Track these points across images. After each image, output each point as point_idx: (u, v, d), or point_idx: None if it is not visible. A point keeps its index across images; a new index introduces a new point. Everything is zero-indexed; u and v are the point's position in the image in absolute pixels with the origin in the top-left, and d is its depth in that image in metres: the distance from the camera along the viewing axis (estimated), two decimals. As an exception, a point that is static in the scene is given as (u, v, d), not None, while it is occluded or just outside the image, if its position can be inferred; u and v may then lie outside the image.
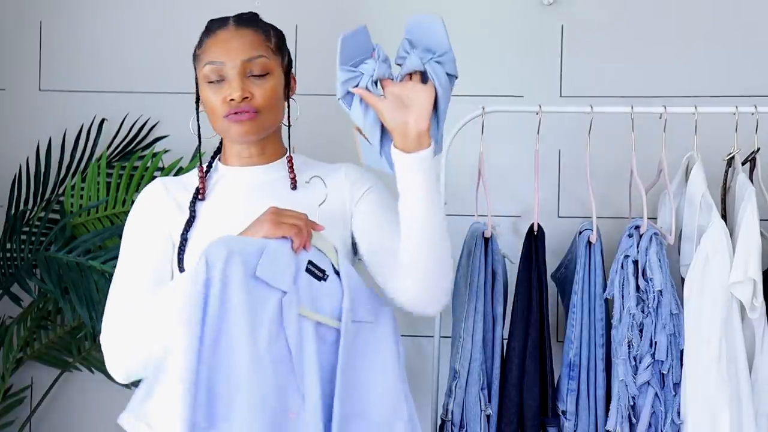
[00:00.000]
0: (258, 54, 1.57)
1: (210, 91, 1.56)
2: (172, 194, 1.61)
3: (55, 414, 2.47)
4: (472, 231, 2.05)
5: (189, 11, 2.44)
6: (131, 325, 1.47)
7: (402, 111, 1.44)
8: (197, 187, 1.62)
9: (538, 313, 1.96)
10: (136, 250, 1.57)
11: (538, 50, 2.35)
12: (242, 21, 1.61)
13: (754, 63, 2.29)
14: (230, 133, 1.58)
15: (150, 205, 1.61)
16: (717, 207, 1.93)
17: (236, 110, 1.54)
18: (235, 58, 1.55)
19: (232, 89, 1.54)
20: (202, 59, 1.58)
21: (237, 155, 1.64)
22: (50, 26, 2.48)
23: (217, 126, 1.59)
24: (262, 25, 1.62)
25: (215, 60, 1.56)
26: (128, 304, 1.50)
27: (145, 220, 1.59)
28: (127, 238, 1.59)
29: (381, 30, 1.72)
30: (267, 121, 1.58)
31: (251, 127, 1.56)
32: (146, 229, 1.58)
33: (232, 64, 1.55)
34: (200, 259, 1.37)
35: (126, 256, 1.57)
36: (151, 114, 2.44)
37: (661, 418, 1.89)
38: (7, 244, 2.29)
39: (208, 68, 1.56)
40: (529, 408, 1.95)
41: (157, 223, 1.58)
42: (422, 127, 1.43)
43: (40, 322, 2.38)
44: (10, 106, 2.49)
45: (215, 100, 1.56)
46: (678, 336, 1.90)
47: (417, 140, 1.44)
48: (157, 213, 1.59)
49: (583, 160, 2.06)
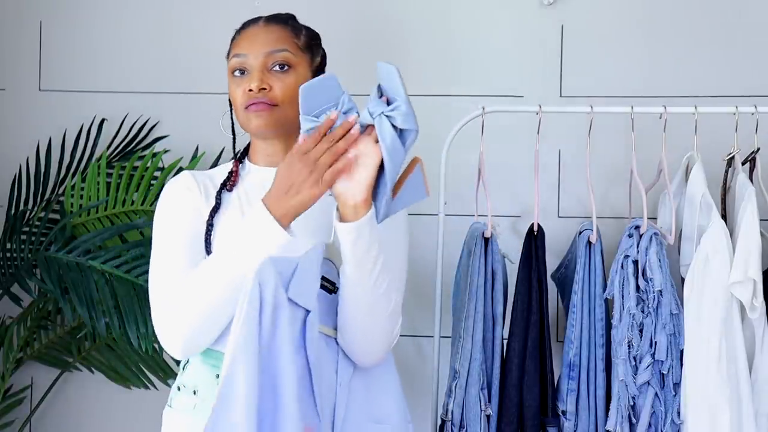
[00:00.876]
0: (281, 48, 1.60)
1: (234, 84, 1.61)
2: (200, 183, 1.63)
3: (55, 414, 2.47)
4: (472, 231, 2.05)
5: (189, 11, 2.44)
6: (191, 300, 1.47)
7: (344, 178, 1.42)
8: (226, 177, 1.64)
9: (538, 313, 1.96)
10: (174, 231, 1.57)
11: (538, 50, 2.35)
12: (273, 18, 1.65)
13: (754, 63, 2.29)
14: (249, 125, 1.60)
15: (181, 190, 1.62)
16: (717, 207, 1.92)
17: (254, 101, 1.57)
18: (258, 50, 1.59)
19: (252, 79, 1.58)
20: (231, 54, 1.64)
21: (263, 153, 1.66)
22: (50, 26, 2.48)
23: (239, 118, 1.62)
24: (294, 23, 1.67)
25: (240, 52, 1.61)
26: (180, 283, 1.50)
27: (179, 203, 1.60)
28: (162, 223, 1.59)
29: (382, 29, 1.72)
30: (285, 115, 1.59)
31: (268, 119, 1.58)
32: (181, 212, 1.59)
33: (254, 55, 1.59)
34: (253, 280, 1.37)
35: (164, 238, 1.57)
36: (151, 114, 2.44)
37: (661, 418, 1.89)
38: (7, 244, 2.29)
39: (234, 60, 1.61)
40: (529, 408, 1.95)
41: (190, 205, 1.59)
42: (358, 200, 1.42)
43: (40, 322, 2.38)
44: (10, 106, 2.49)
45: (237, 93, 1.60)
46: (678, 336, 1.90)
47: (353, 210, 1.43)
48: (189, 197, 1.60)
49: (583, 160, 2.06)
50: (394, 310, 1.52)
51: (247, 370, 1.34)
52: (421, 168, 1.46)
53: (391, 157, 1.40)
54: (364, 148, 1.41)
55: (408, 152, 1.42)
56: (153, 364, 2.38)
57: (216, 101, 1.84)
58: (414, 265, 2.24)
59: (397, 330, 1.55)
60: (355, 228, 1.42)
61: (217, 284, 1.46)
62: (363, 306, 1.49)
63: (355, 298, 1.48)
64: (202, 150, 2.37)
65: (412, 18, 2.37)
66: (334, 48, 1.75)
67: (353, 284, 1.47)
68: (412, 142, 1.41)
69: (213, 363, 1.54)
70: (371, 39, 2.37)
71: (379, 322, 1.51)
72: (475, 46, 2.36)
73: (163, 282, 1.53)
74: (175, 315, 1.49)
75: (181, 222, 1.58)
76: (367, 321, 1.50)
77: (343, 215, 1.44)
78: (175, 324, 1.49)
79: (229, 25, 1.71)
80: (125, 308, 2.13)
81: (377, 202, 1.44)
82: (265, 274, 1.39)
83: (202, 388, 1.54)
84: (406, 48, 2.36)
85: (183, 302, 1.48)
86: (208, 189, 1.63)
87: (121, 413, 2.45)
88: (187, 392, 1.56)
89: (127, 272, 2.18)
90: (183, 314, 1.48)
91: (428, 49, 2.36)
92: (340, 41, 2.34)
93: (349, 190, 1.42)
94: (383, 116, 1.39)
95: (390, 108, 1.39)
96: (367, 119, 1.41)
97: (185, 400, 1.56)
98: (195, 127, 2.40)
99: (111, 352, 2.39)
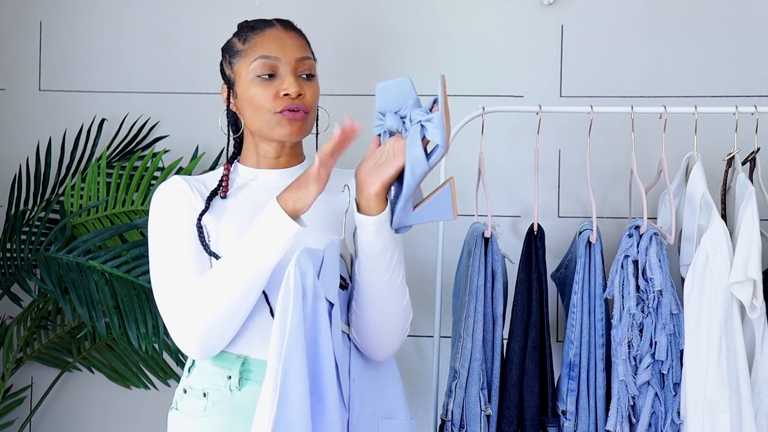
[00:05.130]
0: (308, 55, 1.63)
1: (258, 87, 1.59)
2: (194, 186, 1.63)
3: (55, 414, 2.47)
4: (472, 231, 2.05)
5: (189, 12, 2.44)
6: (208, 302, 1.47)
7: (371, 167, 1.45)
8: (219, 182, 1.64)
9: (538, 313, 1.96)
10: (177, 235, 1.57)
11: (538, 50, 2.35)
12: (288, 25, 1.66)
13: (754, 63, 2.29)
14: (277, 130, 1.59)
15: (176, 193, 1.61)
16: (717, 207, 1.93)
17: (291, 107, 1.57)
18: (290, 55, 1.60)
19: (289, 84, 1.57)
20: (250, 54, 1.61)
21: (262, 156, 1.65)
22: (50, 26, 2.48)
23: (263, 121, 1.60)
24: (302, 32, 1.68)
25: (270, 54, 1.59)
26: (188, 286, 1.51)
27: (176, 206, 1.59)
28: (162, 227, 1.59)
29: (382, 29, 1.72)
30: (310, 124, 1.63)
31: (300, 128, 1.60)
32: (180, 214, 1.58)
33: (286, 60, 1.59)
34: (295, 270, 1.37)
35: (167, 243, 1.57)
36: (151, 114, 2.44)
37: (661, 418, 1.89)
38: (7, 244, 2.29)
39: (260, 62, 1.59)
40: (529, 408, 1.95)
41: (187, 208, 1.59)
42: (371, 192, 1.44)
43: (40, 322, 2.38)
44: (10, 106, 2.49)
45: (265, 96, 1.58)
46: (678, 336, 1.90)
47: (366, 201, 1.45)
48: (185, 199, 1.60)
49: (583, 160, 2.06)
50: (407, 303, 1.55)
51: (301, 364, 1.34)
52: (451, 189, 1.46)
53: (412, 166, 1.41)
54: (397, 150, 1.44)
55: (432, 168, 1.42)
56: (153, 364, 2.38)
57: (216, 101, 1.84)
58: (414, 265, 2.24)
59: (409, 324, 1.58)
60: (379, 221, 1.44)
61: (234, 284, 1.46)
62: (380, 299, 1.51)
63: (372, 290, 1.50)
64: (202, 150, 2.37)
65: (412, 18, 2.37)
66: (333, 48, 1.75)
67: (371, 276, 1.49)
68: (438, 158, 1.41)
69: (224, 365, 1.54)
70: (371, 39, 2.37)
71: (396, 314, 1.53)
72: (475, 46, 2.36)
73: (174, 287, 1.52)
74: (191, 318, 1.49)
75: (182, 225, 1.57)
76: (385, 314, 1.52)
77: (358, 205, 1.46)
78: (192, 327, 1.49)
79: (229, 25, 1.71)
80: (125, 308, 2.13)
81: (394, 206, 1.46)
82: (303, 264, 1.38)
83: (213, 392, 1.54)
84: (405, 48, 2.36)
85: (199, 305, 1.48)
86: (203, 193, 1.62)
87: (121, 413, 2.45)
88: (195, 395, 1.56)
89: (127, 272, 2.18)
90: (200, 316, 1.48)
91: (428, 48, 2.36)
92: (340, 41, 2.35)
93: (369, 178, 1.44)
94: (418, 125, 1.41)
95: (426, 119, 1.40)
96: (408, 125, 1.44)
97: (194, 403, 1.55)
98: (195, 127, 2.40)
99: (111, 352, 2.39)
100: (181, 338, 1.51)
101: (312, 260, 1.40)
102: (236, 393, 1.52)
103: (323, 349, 1.38)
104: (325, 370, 1.38)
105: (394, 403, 1.60)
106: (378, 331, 1.53)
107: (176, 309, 1.51)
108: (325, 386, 1.37)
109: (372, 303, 1.51)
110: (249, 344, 1.53)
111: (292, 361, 1.34)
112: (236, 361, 1.53)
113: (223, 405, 1.52)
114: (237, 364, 1.53)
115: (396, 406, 1.60)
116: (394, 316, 1.53)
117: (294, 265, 1.37)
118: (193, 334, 1.49)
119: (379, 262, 1.48)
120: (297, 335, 1.35)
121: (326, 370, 1.38)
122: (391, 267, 1.49)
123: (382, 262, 1.48)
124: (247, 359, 1.53)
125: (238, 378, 1.52)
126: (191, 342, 1.50)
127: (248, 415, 1.47)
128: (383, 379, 1.59)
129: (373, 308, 1.51)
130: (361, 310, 1.52)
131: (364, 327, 1.53)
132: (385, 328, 1.53)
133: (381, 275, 1.49)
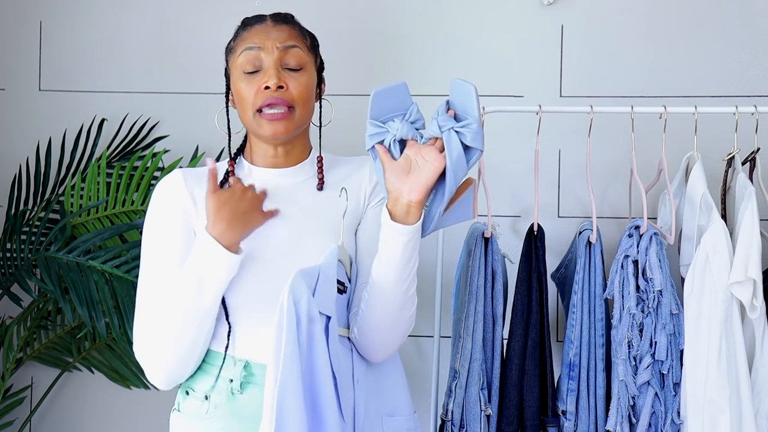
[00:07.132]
0: (294, 44, 1.57)
1: (244, 82, 1.56)
2: (189, 187, 1.60)
3: (55, 414, 2.47)
4: (472, 231, 2.05)
5: (188, 12, 2.44)
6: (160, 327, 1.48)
7: (403, 177, 1.43)
8: (223, 179, 1.62)
9: (538, 313, 1.96)
10: (159, 252, 1.56)
11: (538, 50, 2.35)
12: (280, 17, 1.62)
13: (754, 63, 2.29)
14: (260, 130, 1.56)
15: (167, 202, 1.59)
16: (717, 207, 1.92)
17: (270, 101, 1.52)
18: (272, 44, 1.55)
19: (268, 77, 1.52)
20: (237, 49, 1.58)
21: (263, 155, 1.63)
22: (50, 26, 2.48)
23: (248, 120, 1.57)
24: (298, 24, 1.64)
25: (252, 45, 1.55)
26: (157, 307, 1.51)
27: (164, 218, 1.58)
28: (149, 239, 1.58)
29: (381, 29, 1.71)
30: (299, 119, 1.57)
31: (284, 127, 1.55)
32: (169, 228, 1.57)
33: (268, 50, 1.54)
34: (288, 298, 1.36)
35: (150, 259, 1.56)
36: (151, 114, 2.44)
37: (661, 418, 1.89)
38: (7, 244, 2.29)
39: (245, 56, 1.55)
40: (529, 408, 1.95)
41: (177, 219, 1.57)
42: (413, 198, 1.42)
43: (40, 322, 2.38)
44: (10, 106, 2.49)
45: (249, 91, 1.55)
46: (678, 336, 1.90)
47: (406, 210, 1.43)
48: (176, 209, 1.58)
49: (583, 160, 2.06)
50: (414, 313, 1.55)
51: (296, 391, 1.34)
52: (473, 189, 1.48)
53: (455, 171, 1.41)
54: (427, 155, 1.42)
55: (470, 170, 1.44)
56: (153, 364, 2.38)
57: (216, 101, 1.83)
58: (414, 265, 2.24)
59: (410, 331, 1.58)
60: (411, 231, 1.43)
61: (184, 321, 1.46)
62: (394, 307, 1.50)
63: (387, 299, 1.49)
64: (202, 150, 2.37)
65: (412, 18, 2.37)
66: (333, 48, 1.75)
67: (389, 285, 1.47)
68: (476, 160, 1.43)
69: (226, 368, 1.53)
70: (370, 39, 2.37)
71: (404, 321, 1.53)
72: (474, 46, 2.36)
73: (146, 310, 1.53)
74: (153, 357, 1.50)
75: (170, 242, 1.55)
76: (394, 321, 1.52)
77: (393, 214, 1.43)
78: (155, 366, 1.51)
79: (229, 25, 1.71)
80: (125, 308, 2.13)
81: (431, 211, 1.45)
82: (297, 290, 1.38)
83: (214, 395, 1.54)
84: (405, 48, 2.36)
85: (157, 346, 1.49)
86: (197, 192, 1.59)
87: (121, 413, 2.45)
88: (197, 397, 1.56)
89: (127, 272, 2.18)
90: (160, 356, 1.49)
91: (428, 49, 2.36)
92: (340, 41, 2.35)
93: (406, 186, 1.42)
94: (452, 131, 1.40)
95: (461, 124, 1.40)
96: (435, 132, 1.42)
97: (196, 406, 1.55)
98: (195, 127, 2.40)
99: (111, 352, 2.39)
100: (146, 371, 1.53)
101: (307, 282, 1.39)
102: (238, 396, 1.52)
103: (320, 371, 1.38)
104: (323, 391, 1.38)
105: (397, 400, 1.60)
106: (385, 336, 1.53)
107: (140, 342, 1.52)
108: (324, 407, 1.37)
109: (386, 309, 1.50)
110: (251, 348, 1.53)
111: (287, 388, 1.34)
112: (238, 364, 1.53)
113: (224, 408, 1.52)
114: (239, 368, 1.52)
115: (398, 402, 1.60)
116: (401, 324, 1.53)
117: (288, 293, 1.36)
118: (155, 369, 1.51)
119: (402, 272, 1.47)
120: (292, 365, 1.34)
121: (325, 391, 1.38)
122: (411, 276, 1.48)
123: (405, 270, 1.47)
124: (249, 363, 1.52)
125: (239, 382, 1.51)
126: (155, 377, 1.53)
127: (249, 419, 1.48)
128: (386, 377, 1.59)
129: (384, 316, 1.51)
130: (372, 315, 1.51)
131: (369, 330, 1.52)
132: (390, 334, 1.53)
133: (401, 284, 1.48)
